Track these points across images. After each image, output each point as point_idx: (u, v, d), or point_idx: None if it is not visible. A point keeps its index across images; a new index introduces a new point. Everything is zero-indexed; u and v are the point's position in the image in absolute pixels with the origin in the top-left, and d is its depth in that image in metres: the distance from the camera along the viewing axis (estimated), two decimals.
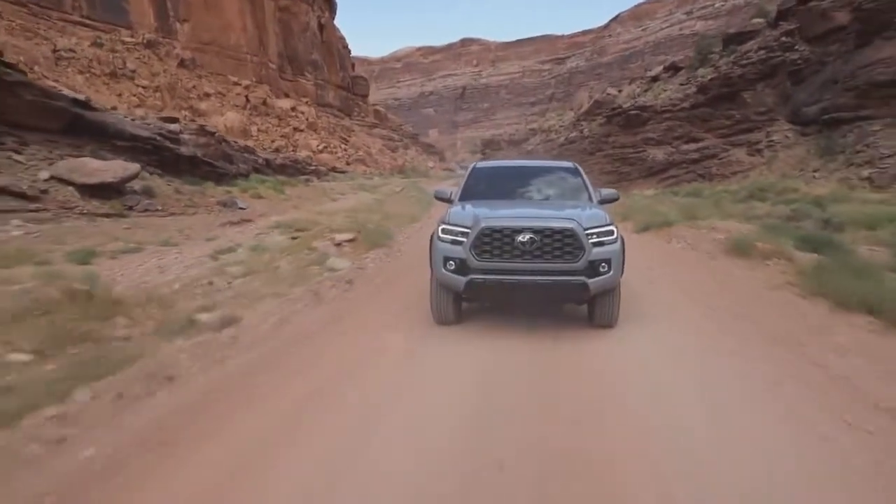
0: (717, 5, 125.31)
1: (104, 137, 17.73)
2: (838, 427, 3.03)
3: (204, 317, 4.83)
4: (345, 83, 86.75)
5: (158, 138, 20.00)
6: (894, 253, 7.05)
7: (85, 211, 12.98)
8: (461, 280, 4.75)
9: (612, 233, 4.88)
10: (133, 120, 20.99)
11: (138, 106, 43.71)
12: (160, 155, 19.90)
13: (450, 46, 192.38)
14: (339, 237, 8.71)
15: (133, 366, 3.76)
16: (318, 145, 63.42)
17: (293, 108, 67.10)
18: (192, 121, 36.12)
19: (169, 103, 50.70)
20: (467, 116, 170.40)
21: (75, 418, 3.08)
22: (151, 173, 18.04)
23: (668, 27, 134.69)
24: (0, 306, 4.41)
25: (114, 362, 3.74)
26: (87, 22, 52.60)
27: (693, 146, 28.04)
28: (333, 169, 54.73)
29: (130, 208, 14.00)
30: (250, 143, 42.56)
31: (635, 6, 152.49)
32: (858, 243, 8.62)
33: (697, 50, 33.59)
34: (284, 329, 5.16)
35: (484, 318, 5.59)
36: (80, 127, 16.95)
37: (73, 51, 46.35)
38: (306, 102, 72.86)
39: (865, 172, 17.72)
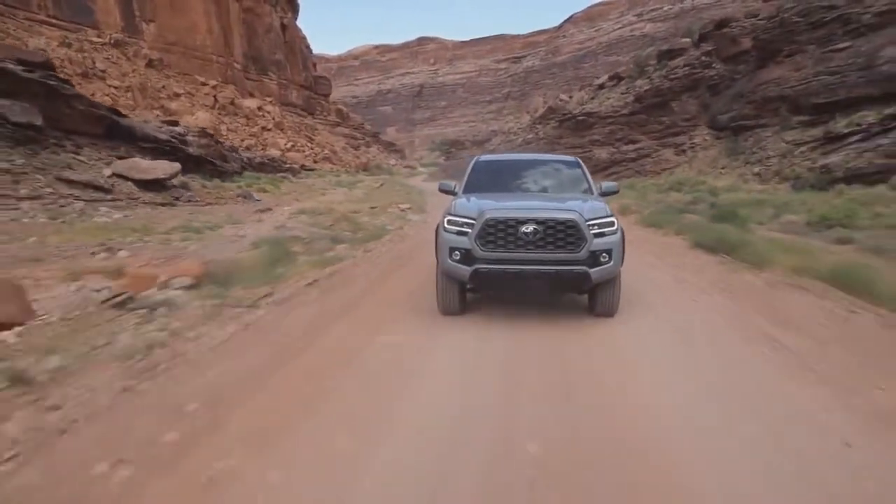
0: (665, 8, 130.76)
1: (133, 140, 20.62)
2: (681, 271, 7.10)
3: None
4: (307, 83, 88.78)
5: (174, 140, 22.92)
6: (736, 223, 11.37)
7: (146, 201, 16.10)
8: (467, 270, 4.92)
9: (612, 224, 5.08)
10: (146, 123, 23.76)
11: (111, 106, 45.20)
12: (175, 155, 22.78)
13: (407, 45, 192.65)
14: (403, 206, 13.14)
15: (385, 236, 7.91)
16: (285, 144, 65.60)
17: (259, 108, 68.91)
18: (176, 122, 38.17)
19: (141, 103, 51.87)
20: (425, 115, 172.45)
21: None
22: None
23: (619, 28, 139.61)
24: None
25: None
26: (54, 21, 52.99)
27: (631, 147, 32.84)
28: (303, 167, 57.14)
29: (177, 199, 17.14)
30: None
31: (588, 8, 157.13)
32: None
33: (636, 63, 38.55)
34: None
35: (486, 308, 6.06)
36: (115, 132, 19.83)
37: (44, 50, 47.26)
38: (271, 102, 74.54)
39: (756, 169, 22.63)
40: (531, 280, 4.92)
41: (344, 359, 4.22)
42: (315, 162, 67.20)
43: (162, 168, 17.04)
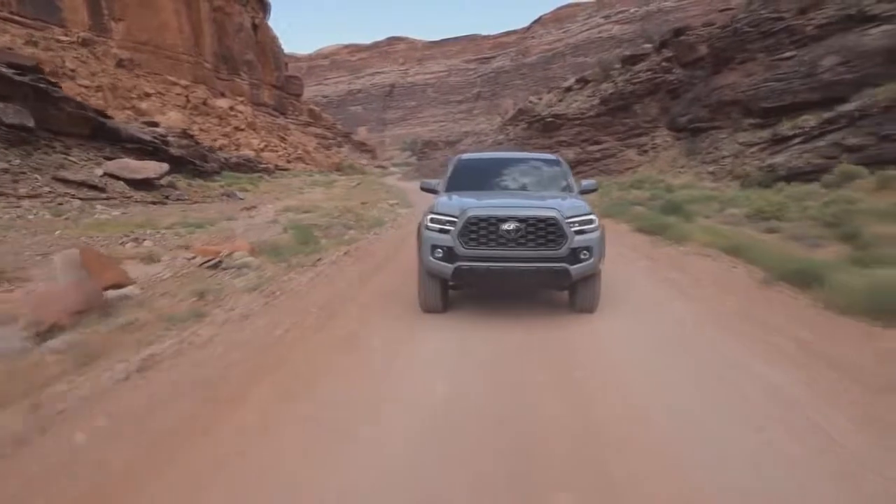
0: (631, 10, 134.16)
1: (118, 141, 21.18)
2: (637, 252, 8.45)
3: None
4: (279, 83, 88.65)
5: (157, 141, 23.49)
6: (680, 215, 12.82)
7: (138, 199, 16.79)
8: (449, 267, 5.00)
9: (592, 221, 5.19)
10: (130, 124, 24.24)
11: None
12: (158, 155, 23.35)
13: (377, 45, 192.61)
14: (391, 202, 14.28)
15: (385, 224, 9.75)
16: (259, 144, 65.62)
17: (231, 108, 68.71)
18: (156, 124, 38.28)
19: (112, 103, 51.33)
20: (395, 114, 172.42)
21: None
22: None
23: (587, 30, 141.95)
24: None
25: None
26: (17, 19, 52.02)
27: (596, 147, 34.53)
28: (277, 167, 57.43)
29: (167, 198, 17.85)
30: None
31: (556, 9, 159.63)
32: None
33: (601, 67, 40.34)
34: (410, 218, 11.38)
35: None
36: (100, 133, 20.36)
37: (11, 49, 46.58)
38: (242, 102, 74.31)
39: (711, 168, 24.42)
40: (512, 277, 5.05)
41: (391, 291, 6.60)
42: (288, 162, 67.42)
43: (152, 168, 17.73)
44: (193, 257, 6.21)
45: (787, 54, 25.14)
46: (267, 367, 3.86)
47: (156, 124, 29.46)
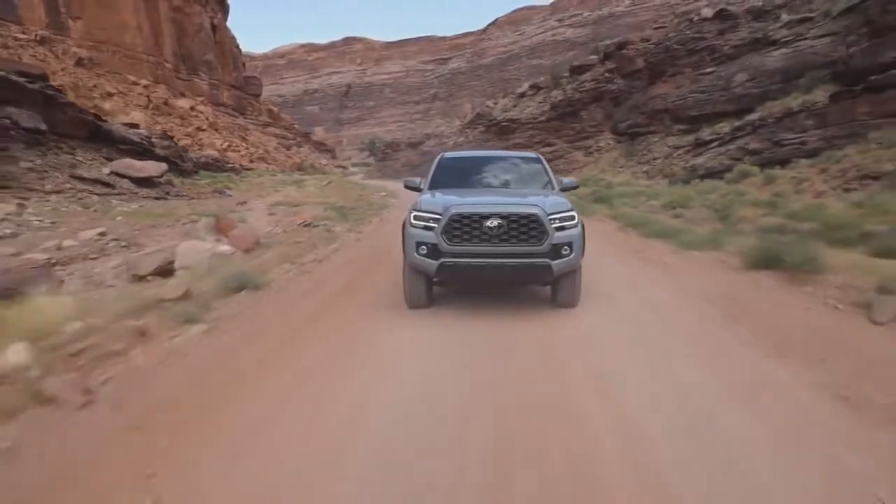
0: (584, 15, 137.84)
1: (112, 143, 22.89)
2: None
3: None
4: (238, 83, 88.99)
5: (145, 143, 25.24)
6: (606, 203, 16.01)
7: (143, 195, 18.79)
8: (433, 264, 5.08)
9: (573, 218, 5.25)
10: (122, 127, 25.87)
11: None
12: (147, 155, 25.10)
13: (333, 44, 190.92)
14: (381, 194, 17.13)
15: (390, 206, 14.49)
16: (221, 144, 66.29)
17: (192, 108, 69.06)
18: (133, 125, 39.22)
19: (74, 102, 51.38)
20: (352, 114, 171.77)
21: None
22: None
23: (542, 33, 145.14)
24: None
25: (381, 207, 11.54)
26: None
27: (548, 149, 37.95)
28: (242, 167, 58.48)
29: (167, 193, 19.87)
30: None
31: (512, 12, 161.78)
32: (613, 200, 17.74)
33: (552, 75, 43.92)
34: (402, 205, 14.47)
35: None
36: (97, 135, 22.08)
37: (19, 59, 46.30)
38: (202, 102, 74.57)
39: (645, 168, 28.10)
40: (496, 273, 5.14)
41: None
42: (251, 162, 68.26)
43: (153, 167, 19.73)
44: (301, 222, 9.04)
45: (709, 70, 29.11)
46: (384, 250, 7.31)
47: (136, 126, 30.86)
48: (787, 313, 5.02)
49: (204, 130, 66.64)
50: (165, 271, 5.57)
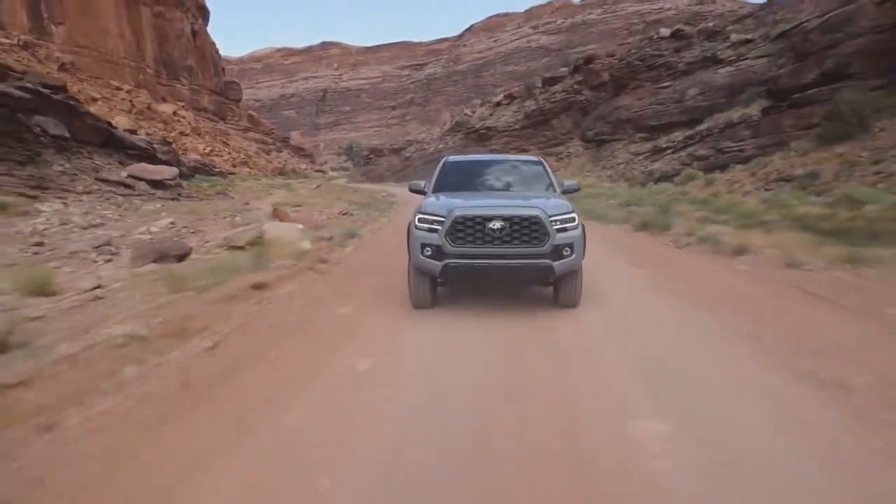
0: (558, 22, 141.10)
1: (122, 148, 24.74)
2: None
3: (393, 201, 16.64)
4: (218, 88, 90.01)
5: (149, 148, 27.12)
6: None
7: (160, 196, 20.79)
8: (438, 265, 5.23)
9: (573, 219, 5.40)
10: (130, 133, 27.71)
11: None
12: (151, 159, 26.96)
13: (310, 49, 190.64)
14: (383, 194, 19.77)
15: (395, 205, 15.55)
16: (204, 148, 67.42)
17: (175, 113, 70.15)
18: (132, 130, 40.63)
19: (91, 111, 52.11)
20: (329, 119, 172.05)
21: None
22: None
23: (516, 40, 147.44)
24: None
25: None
26: None
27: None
28: (228, 171, 59.77)
29: (180, 195, 21.89)
30: None
31: (487, 19, 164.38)
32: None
33: (526, 86, 46.90)
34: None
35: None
36: (110, 141, 23.95)
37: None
38: (183, 107, 75.63)
39: (609, 172, 31.06)
40: (498, 273, 5.27)
41: None
42: (234, 166, 69.44)
43: (166, 171, 21.74)
44: (340, 212, 11.39)
45: (666, 84, 32.26)
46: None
47: (134, 131, 32.61)
48: (643, 246, 10.49)
49: (187, 135, 67.69)
50: (256, 242, 7.86)
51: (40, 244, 7.89)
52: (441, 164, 7.09)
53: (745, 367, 3.76)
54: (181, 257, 6.88)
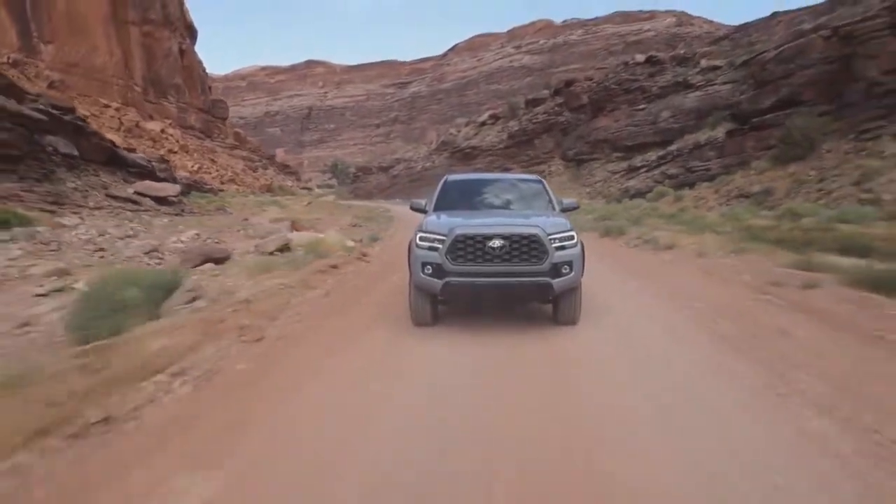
0: (540, 42, 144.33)
1: (124, 166, 25.82)
2: None
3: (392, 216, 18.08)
4: (205, 106, 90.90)
5: (148, 166, 28.19)
6: None
7: (165, 212, 21.88)
8: (438, 283, 5.26)
9: (572, 237, 5.44)
10: (131, 152, 28.75)
11: None
12: (151, 177, 28.03)
13: (295, 67, 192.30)
14: (379, 210, 21.14)
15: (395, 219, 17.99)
16: (193, 166, 68.07)
17: (163, 131, 70.87)
18: (130, 149, 41.44)
19: (97, 131, 52.53)
20: (313, 136, 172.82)
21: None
22: None
23: (499, 59, 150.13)
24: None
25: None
26: None
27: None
28: (217, 189, 60.47)
29: (183, 211, 23.00)
30: None
31: (470, 39, 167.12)
32: None
33: (509, 107, 48.92)
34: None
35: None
36: (113, 159, 25.02)
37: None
38: (171, 125, 76.31)
39: (588, 190, 32.84)
40: (498, 291, 5.33)
41: None
42: (222, 183, 70.07)
43: (170, 188, 22.86)
44: (350, 224, 12.72)
45: (641, 107, 34.32)
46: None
47: (134, 149, 33.59)
48: (604, 247, 13.27)
49: (175, 153, 68.30)
50: (284, 248, 9.12)
51: (102, 250, 9.06)
52: (442, 182, 7.16)
53: (647, 303, 6.82)
54: (221, 260, 8.12)
